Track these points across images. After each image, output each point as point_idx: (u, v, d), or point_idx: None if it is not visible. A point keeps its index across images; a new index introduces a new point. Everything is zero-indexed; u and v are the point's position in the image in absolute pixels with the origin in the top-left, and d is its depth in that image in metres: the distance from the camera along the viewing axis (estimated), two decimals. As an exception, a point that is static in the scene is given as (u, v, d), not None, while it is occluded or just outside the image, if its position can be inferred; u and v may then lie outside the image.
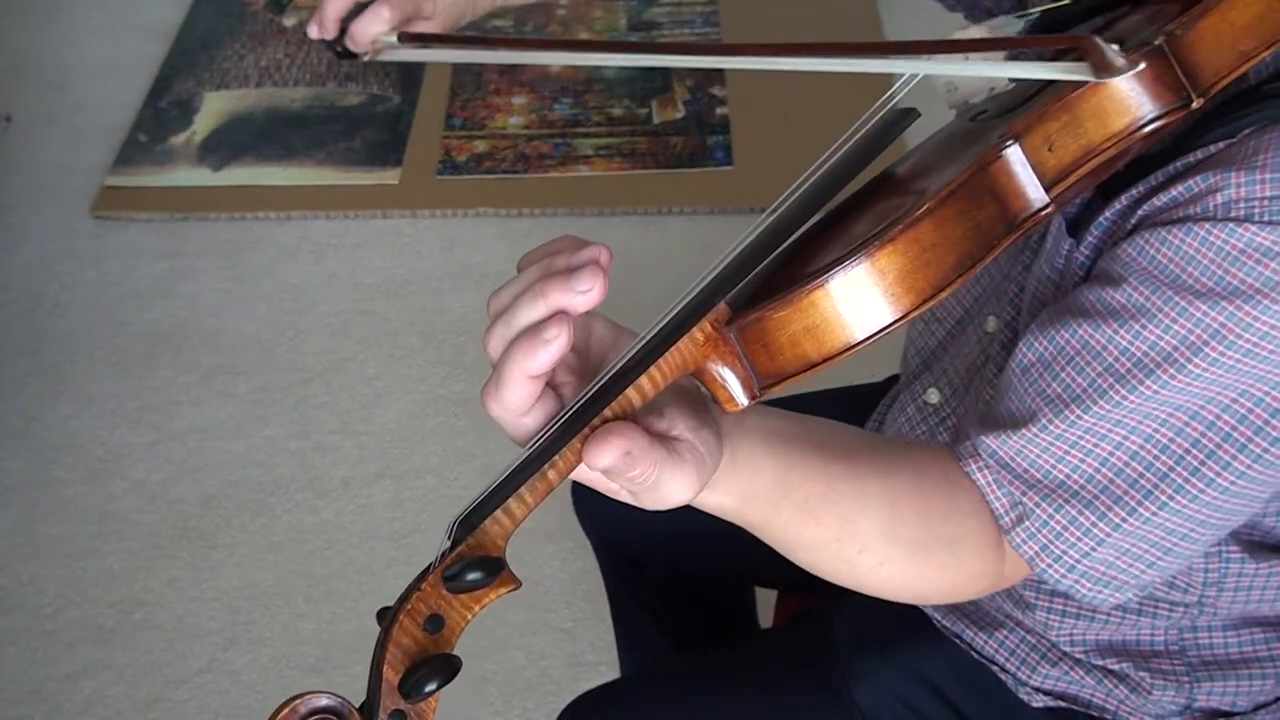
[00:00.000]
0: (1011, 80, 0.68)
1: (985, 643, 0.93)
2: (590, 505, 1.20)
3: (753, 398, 0.57)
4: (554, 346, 0.54)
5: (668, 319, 0.58)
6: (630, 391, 0.56)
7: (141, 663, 1.69)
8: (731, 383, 0.57)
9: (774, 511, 0.66)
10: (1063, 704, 0.92)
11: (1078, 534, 0.71)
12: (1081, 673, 0.90)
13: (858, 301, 0.55)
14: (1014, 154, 0.58)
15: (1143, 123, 0.60)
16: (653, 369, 0.56)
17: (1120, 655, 0.89)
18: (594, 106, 2.46)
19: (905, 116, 0.67)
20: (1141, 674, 0.89)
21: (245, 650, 1.70)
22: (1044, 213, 0.58)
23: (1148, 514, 0.70)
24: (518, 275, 0.58)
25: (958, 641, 0.95)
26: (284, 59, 2.61)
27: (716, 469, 0.61)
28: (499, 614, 1.72)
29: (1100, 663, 0.90)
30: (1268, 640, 0.88)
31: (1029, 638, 0.92)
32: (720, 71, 2.47)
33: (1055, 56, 0.65)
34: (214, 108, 2.51)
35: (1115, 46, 0.59)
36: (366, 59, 0.92)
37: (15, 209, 2.34)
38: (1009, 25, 0.74)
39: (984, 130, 0.64)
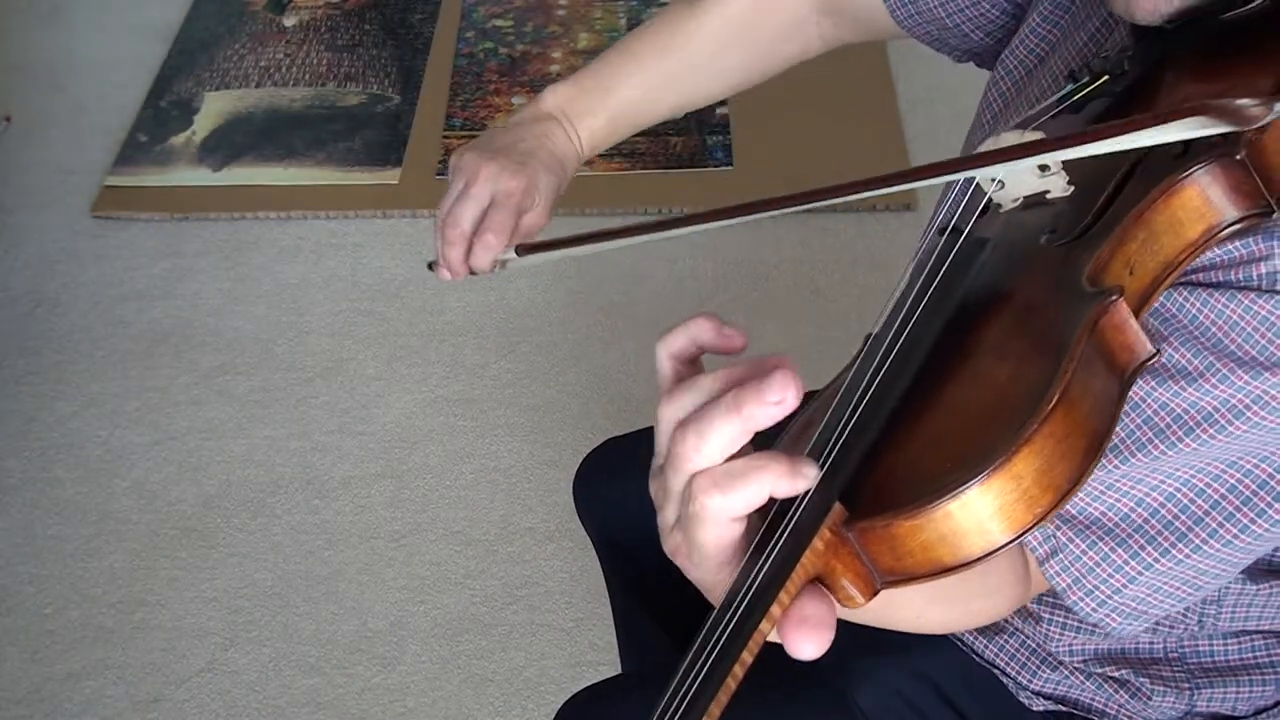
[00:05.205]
0: (1130, 149, 0.60)
1: (986, 646, 0.93)
2: (590, 502, 1.20)
3: (873, 595, 0.55)
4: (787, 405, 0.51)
5: (783, 532, 0.54)
6: (764, 624, 0.52)
7: (141, 663, 1.69)
8: (851, 584, 0.54)
9: None
10: (1063, 709, 0.92)
11: (1109, 570, 0.70)
12: (1081, 678, 0.90)
13: (994, 509, 0.51)
14: (1122, 307, 0.54)
15: (1219, 228, 0.58)
16: (781, 594, 0.52)
17: (1120, 663, 0.89)
18: (594, 106, 2.45)
19: (980, 249, 0.63)
20: (1141, 680, 0.89)
21: (245, 650, 1.70)
22: (1152, 360, 0.55)
23: (1180, 556, 0.69)
24: (690, 384, 0.53)
25: (959, 644, 0.95)
26: (284, 59, 2.61)
27: None
28: (499, 614, 1.73)
29: (1100, 670, 0.90)
30: (1268, 646, 0.88)
31: (1029, 642, 0.92)
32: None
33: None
34: (214, 108, 2.51)
35: (1244, 100, 0.54)
36: (495, 273, 1.00)
37: (15, 209, 2.34)
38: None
39: (1066, 265, 0.58)
